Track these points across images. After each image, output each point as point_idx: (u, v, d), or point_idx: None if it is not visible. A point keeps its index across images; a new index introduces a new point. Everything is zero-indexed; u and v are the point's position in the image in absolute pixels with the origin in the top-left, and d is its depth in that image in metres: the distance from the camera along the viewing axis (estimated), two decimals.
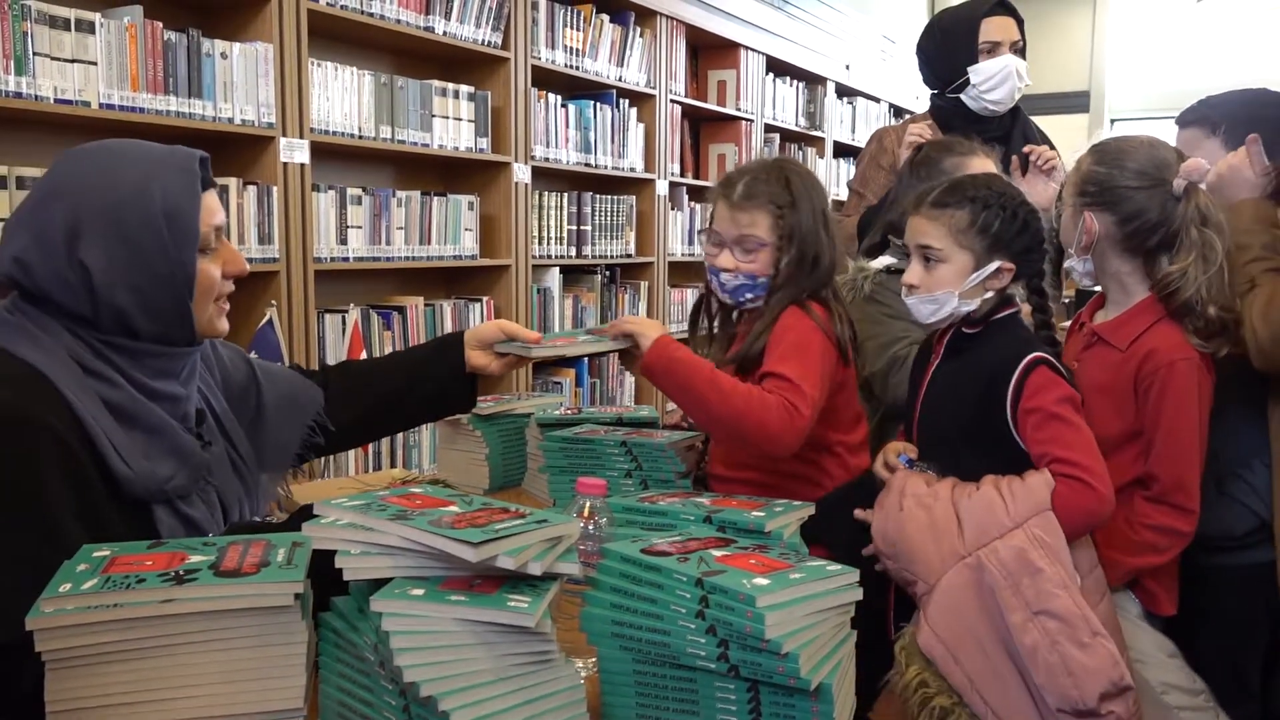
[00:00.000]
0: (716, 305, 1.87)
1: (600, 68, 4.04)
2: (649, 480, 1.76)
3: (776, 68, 5.38)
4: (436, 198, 3.34)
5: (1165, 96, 8.12)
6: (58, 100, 2.27)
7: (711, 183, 4.94)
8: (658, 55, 4.36)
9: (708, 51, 5.03)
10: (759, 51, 5.14)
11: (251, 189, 2.68)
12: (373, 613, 0.94)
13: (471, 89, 3.43)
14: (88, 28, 2.31)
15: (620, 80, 4.16)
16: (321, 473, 2.88)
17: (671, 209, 4.56)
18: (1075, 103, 8.67)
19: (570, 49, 3.87)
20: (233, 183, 2.64)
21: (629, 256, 4.29)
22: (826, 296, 1.77)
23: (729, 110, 4.97)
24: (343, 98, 2.96)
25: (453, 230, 3.40)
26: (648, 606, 1.08)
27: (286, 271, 2.77)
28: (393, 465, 3.26)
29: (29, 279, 1.25)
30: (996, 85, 2.67)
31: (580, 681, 0.98)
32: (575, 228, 3.96)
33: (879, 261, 2.13)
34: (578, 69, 3.92)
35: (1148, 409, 1.65)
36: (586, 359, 4.04)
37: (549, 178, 3.95)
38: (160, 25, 2.47)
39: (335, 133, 2.94)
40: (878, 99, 6.58)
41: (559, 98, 3.84)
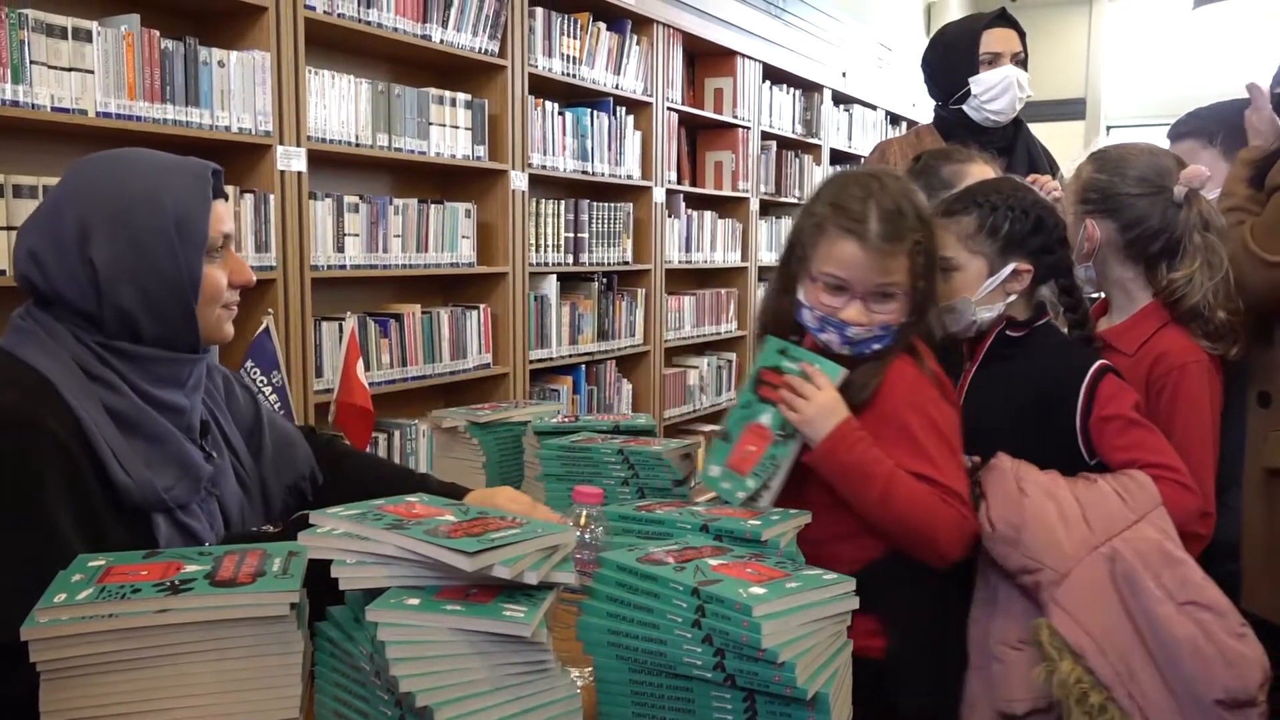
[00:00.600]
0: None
1: (597, 76, 4.05)
2: (646, 488, 1.76)
3: (773, 75, 5.39)
4: (433, 205, 3.34)
5: (1161, 104, 8.17)
6: (55, 109, 2.27)
7: (709, 190, 5.00)
8: (654, 63, 4.37)
9: (704, 59, 5.04)
10: (755, 59, 5.14)
11: (248, 197, 2.68)
12: (368, 622, 0.94)
13: (468, 97, 3.43)
14: (85, 36, 2.31)
15: (617, 88, 4.16)
16: None
17: (669, 216, 4.56)
18: (1072, 110, 8.71)
19: (567, 57, 3.87)
20: (230, 191, 2.63)
21: (626, 264, 4.29)
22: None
23: (726, 118, 4.97)
24: (340, 106, 2.96)
25: (450, 238, 3.40)
26: (644, 615, 1.08)
27: (283, 279, 2.77)
28: None
29: (42, 276, 1.28)
30: (997, 95, 2.70)
31: (576, 691, 0.98)
32: (572, 235, 3.96)
33: None
34: (575, 77, 3.92)
35: (1160, 411, 1.65)
36: (584, 367, 4.04)
37: (546, 185, 3.95)
38: (157, 34, 2.47)
39: (332, 141, 2.94)
40: (874, 106, 6.60)
41: (556, 106, 3.85)
